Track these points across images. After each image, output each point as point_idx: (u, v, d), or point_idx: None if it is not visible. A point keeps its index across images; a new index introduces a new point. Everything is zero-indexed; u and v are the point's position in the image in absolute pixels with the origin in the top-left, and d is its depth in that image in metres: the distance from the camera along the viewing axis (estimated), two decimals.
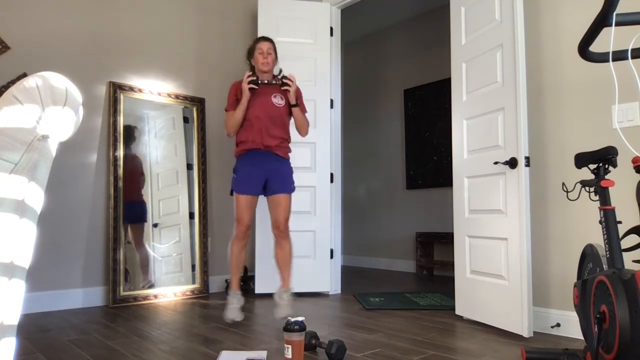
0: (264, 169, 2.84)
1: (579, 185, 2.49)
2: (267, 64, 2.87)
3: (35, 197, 0.85)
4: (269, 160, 2.85)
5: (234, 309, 2.76)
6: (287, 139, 2.95)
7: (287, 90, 2.87)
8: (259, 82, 2.83)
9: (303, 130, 2.98)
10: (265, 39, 2.94)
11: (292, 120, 2.99)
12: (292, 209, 3.68)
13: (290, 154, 2.99)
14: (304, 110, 2.99)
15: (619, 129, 2.35)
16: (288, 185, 2.91)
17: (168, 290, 3.57)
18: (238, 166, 2.88)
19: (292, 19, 3.91)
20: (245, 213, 2.81)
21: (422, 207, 5.36)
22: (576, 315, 2.38)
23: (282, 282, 2.90)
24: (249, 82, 2.78)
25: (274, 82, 2.88)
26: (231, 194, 2.89)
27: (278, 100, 2.87)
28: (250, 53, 2.96)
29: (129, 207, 3.48)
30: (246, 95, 2.79)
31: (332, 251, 3.85)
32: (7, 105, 0.83)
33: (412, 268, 5.36)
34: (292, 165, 2.99)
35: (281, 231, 2.88)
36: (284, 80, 2.85)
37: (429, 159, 5.29)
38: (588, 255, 1.80)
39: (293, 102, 2.88)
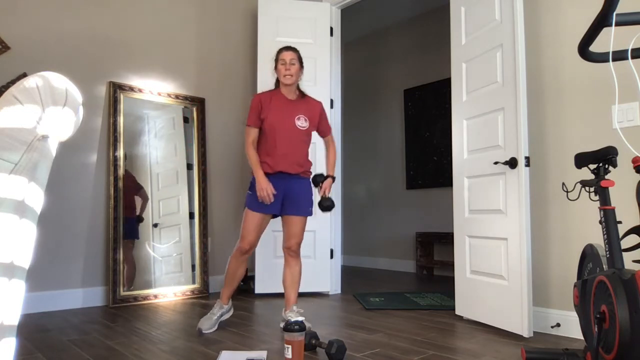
0: (282, 187, 2.65)
1: (579, 185, 2.49)
2: (290, 77, 2.65)
3: (35, 197, 0.85)
4: (288, 179, 2.68)
5: (208, 319, 2.58)
6: (309, 163, 2.79)
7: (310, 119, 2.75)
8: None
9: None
10: (288, 48, 2.71)
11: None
12: None
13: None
14: (329, 132, 2.91)
15: (619, 129, 2.35)
16: (303, 207, 2.71)
17: (168, 290, 3.57)
18: (254, 183, 2.67)
19: (292, 19, 3.90)
20: (253, 232, 2.61)
21: (422, 207, 5.36)
22: (576, 315, 2.38)
23: (287, 303, 2.70)
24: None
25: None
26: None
27: (302, 123, 2.69)
28: (275, 64, 2.72)
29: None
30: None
31: (332, 251, 3.85)
32: (7, 105, 0.83)
33: (412, 268, 5.36)
34: None
35: (293, 251, 2.71)
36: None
37: (429, 159, 5.29)
38: (588, 255, 1.80)
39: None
